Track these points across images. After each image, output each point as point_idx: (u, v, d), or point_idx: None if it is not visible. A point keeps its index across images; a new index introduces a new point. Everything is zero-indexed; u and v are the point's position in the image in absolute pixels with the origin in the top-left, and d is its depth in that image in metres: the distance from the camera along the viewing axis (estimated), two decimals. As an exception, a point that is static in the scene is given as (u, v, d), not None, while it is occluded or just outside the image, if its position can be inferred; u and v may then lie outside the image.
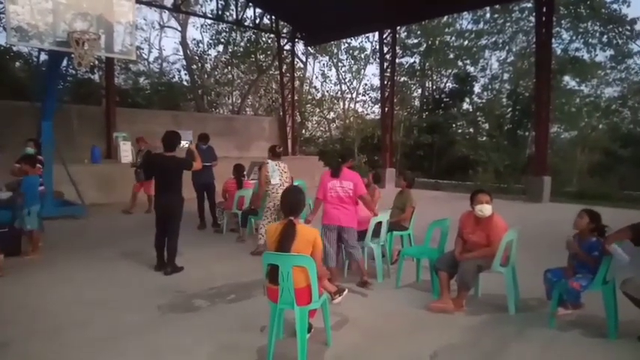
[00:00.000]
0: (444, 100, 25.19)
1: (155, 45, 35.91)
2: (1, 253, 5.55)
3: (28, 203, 5.89)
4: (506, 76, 25.34)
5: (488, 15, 23.55)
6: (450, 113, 24.52)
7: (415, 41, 25.54)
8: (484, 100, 25.44)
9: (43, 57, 13.15)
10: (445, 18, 23.71)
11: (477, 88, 25.39)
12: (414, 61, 26.21)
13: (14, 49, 19.54)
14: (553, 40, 13.86)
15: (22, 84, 18.92)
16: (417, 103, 27.95)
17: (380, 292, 4.68)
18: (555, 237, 4.75)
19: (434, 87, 27.57)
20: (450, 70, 26.25)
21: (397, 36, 17.92)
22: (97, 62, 15.85)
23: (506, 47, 24.23)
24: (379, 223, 5.13)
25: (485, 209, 4.14)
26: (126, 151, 12.02)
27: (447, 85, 26.61)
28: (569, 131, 24.45)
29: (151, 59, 27.44)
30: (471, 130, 25.49)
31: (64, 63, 7.97)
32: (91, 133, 13.06)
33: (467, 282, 4.10)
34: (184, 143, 5.74)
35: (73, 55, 6.82)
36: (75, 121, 12.80)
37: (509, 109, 23.68)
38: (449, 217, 4.96)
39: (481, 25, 24.16)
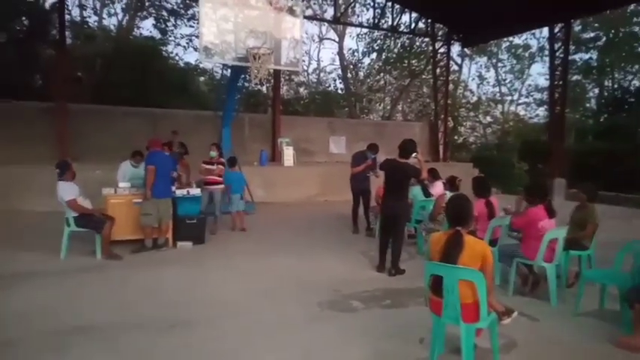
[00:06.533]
0: (629, 100, 21.51)
1: (314, 57, 38.27)
2: (189, 241, 6.55)
3: (234, 191, 7.58)
4: None
5: (693, -4, 19.50)
6: (637, 115, 20.85)
7: (592, 35, 22.51)
8: (685, 100, 21.12)
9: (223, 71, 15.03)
10: (632, 6, 20.33)
11: (674, 86, 21.27)
12: (590, 58, 23.11)
13: (200, 65, 22.85)
14: None
15: (205, 96, 22.00)
16: (592, 104, 24.56)
17: (553, 318, 4.17)
18: None
19: (615, 86, 23.87)
20: (637, 66, 22.46)
21: (571, 30, 15.92)
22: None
23: None
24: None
25: None
26: (288, 155, 13.12)
27: (633, 83, 22.78)
28: None
29: (310, 70, 29.31)
30: (666, 135, 21.33)
31: (241, 77, 8.99)
32: (259, 138, 14.58)
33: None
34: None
35: (249, 70, 7.68)
36: (246, 128, 14.43)
37: None
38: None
39: (682, 10, 20.21)
